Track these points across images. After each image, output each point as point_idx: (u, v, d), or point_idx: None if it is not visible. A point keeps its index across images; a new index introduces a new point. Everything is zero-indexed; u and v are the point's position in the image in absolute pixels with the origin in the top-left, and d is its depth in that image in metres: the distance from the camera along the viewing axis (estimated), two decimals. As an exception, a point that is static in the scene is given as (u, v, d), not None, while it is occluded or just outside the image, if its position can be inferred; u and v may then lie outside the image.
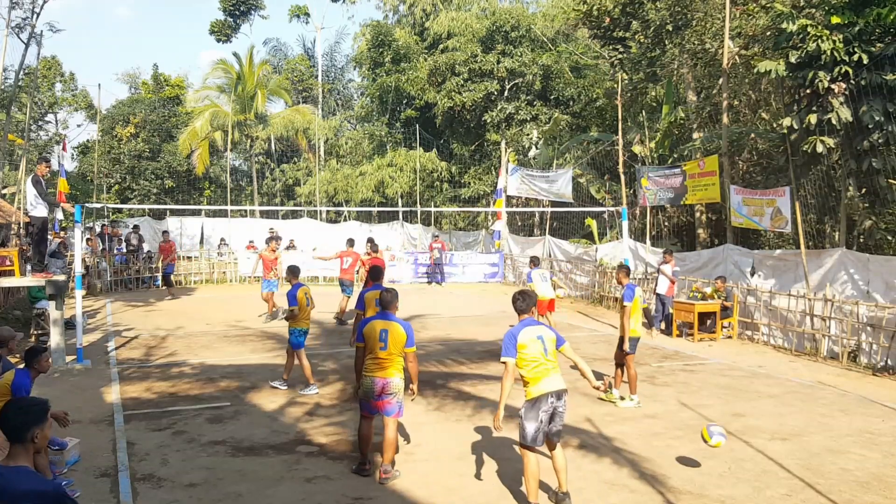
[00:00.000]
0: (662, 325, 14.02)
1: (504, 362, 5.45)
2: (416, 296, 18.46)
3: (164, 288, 19.91)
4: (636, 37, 19.20)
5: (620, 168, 18.45)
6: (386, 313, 6.33)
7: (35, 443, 3.12)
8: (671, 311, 13.69)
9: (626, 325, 8.61)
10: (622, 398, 8.65)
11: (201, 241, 26.62)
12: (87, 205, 18.49)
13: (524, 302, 5.72)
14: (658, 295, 13.93)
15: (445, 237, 26.77)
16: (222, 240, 24.43)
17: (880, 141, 11.83)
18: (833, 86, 11.86)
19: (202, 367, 10.56)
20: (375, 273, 9.09)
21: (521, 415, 5.49)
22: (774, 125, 17.99)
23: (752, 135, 18.23)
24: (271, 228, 25.06)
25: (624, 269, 9.39)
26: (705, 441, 6.35)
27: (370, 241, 15.90)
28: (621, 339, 8.74)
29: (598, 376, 6.59)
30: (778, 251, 14.96)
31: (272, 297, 15.27)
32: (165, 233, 21.95)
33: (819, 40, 11.79)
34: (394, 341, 6.13)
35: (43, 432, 3.17)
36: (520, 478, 6.24)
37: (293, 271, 9.68)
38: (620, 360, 8.83)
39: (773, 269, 13.65)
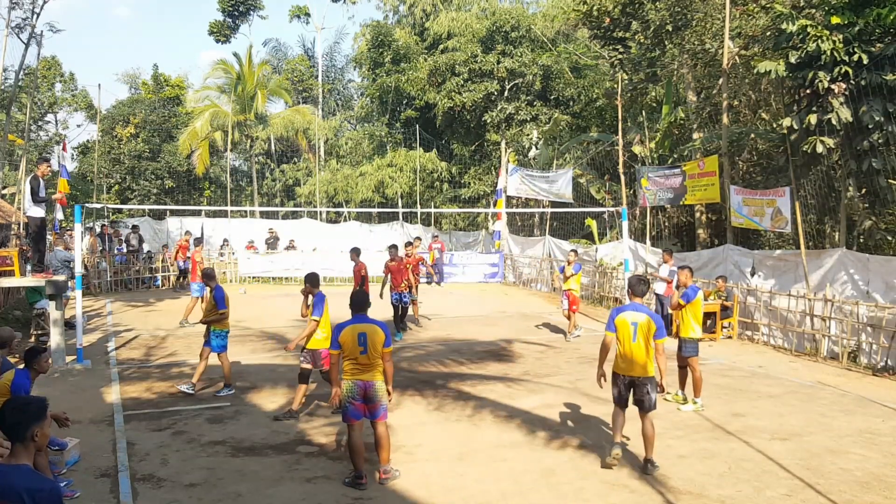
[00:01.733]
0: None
1: (606, 334, 6.54)
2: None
3: (179, 283, 20.16)
4: (636, 37, 19.19)
5: (620, 168, 18.45)
6: (361, 316, 6.16)
7: (35, 441, 3.12)
8: (670, 311, 13.67)
9: (686, 327, 8.69)
10: (685, 401, 8.61)
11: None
12: (87, 205, 18.48)
13: (644, 285, 6.77)
14: (657, 295, 13.93)
15: (445, 237, 26.75)
16: (225, 240, 24.45)
17: (880, 141, 11.82)
18: (833, 86, 11.86)
19: (202, 367, 10.55)
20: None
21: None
22: (774, 125, 17.98)
23: (752, 135, 18.23)
24: (271, 228, 25.06)
25: (687, 269, 9.34)
26: None
27: (408, 243, 14.74)
28: (681, 340, 8.76)
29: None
30: (778, 251, 14.96)
31: (196, 301, 14.30)
32: (188, 233, 21.97)
33: (819, 40, 11.78)
34: (373, 343, 5.99)
35: (42, 430, 3.17)
36: (520, 478, 6.26)
37: (209, 275, 9.49)
38: (682, 361, 8.79)
39: (773, 269, 13.65)
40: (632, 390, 6.45)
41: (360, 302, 6.27)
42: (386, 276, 13.31)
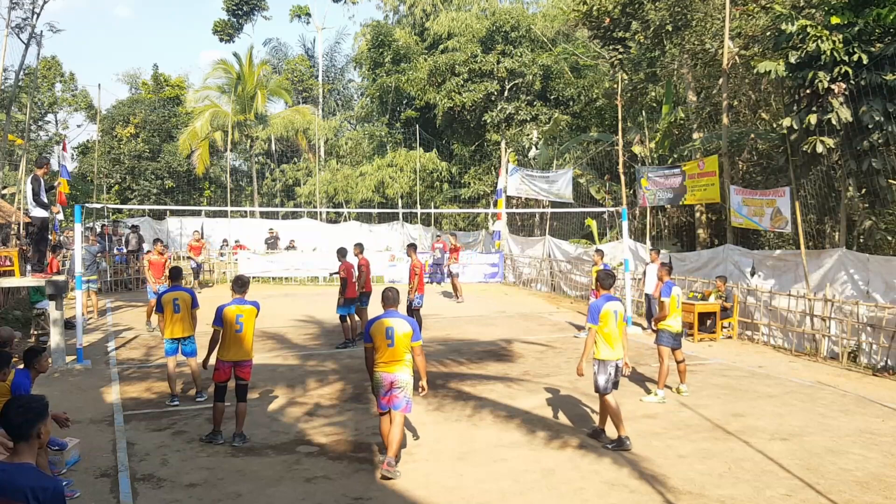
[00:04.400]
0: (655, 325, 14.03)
1: (590, 327, 7.06)
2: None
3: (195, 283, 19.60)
4: (636, 37, 19.18)
5: (620, 168, 18.44)
6: (391, 311, 6.43)
7: (39, 439, 3.15)
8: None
9: (663, 317, 9.00)
10: (648, 392, 8.76)
11: (201, 242, 26.60)
12: (87, 205, 18.46)
13: (612, 279, 7.41)
14: (646, 295, 13.97)
15: (445, 237, 26.74)
16: (224, 241, 24.44)
17: (880, 141, 11.81)
18: (833, 86, 11.84)
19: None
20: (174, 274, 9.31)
21: (595, 371, 7.11)
22: (774, 125, 17.97)
23: (752, 135, 18.21)
24: (271, 229, 25.05)
25: (666, 266, 9.60)
26: None
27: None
28: (657, 330, 9.15)
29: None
30: (778, 251, 14.95)
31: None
32: (196, 231, 21.87)
33: (819, 40, 11.77)
34: (400, 338, 6.23)
35: (45, 428, 3.20)
36: (520, 478, 6.26)
37: (175, 274, 9.34)
38: (678, 357, 9.15)
39: (773, 269, 13.65)
40: (615, 373, 7.16)
41: (391, 298, 6.53)
42: (360, 273, 13.24)
